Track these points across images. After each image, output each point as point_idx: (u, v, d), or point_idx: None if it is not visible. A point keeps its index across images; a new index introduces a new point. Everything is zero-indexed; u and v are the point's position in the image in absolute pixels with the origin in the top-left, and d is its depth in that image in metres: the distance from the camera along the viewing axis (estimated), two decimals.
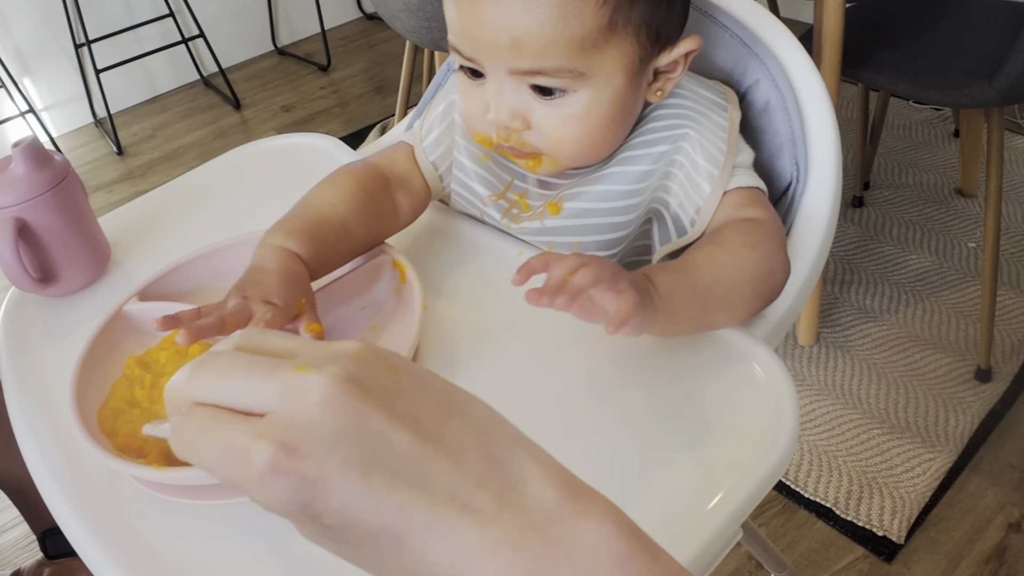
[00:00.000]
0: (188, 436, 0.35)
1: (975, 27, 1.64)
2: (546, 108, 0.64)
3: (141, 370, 0.61)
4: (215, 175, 0.91)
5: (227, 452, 0.33)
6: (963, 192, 2.12)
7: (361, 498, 0.32)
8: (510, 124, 0.65)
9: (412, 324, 0.59)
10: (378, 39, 3.41)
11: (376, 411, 0.33)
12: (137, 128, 2.96)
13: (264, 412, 0.33)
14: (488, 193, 0.74)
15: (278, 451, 0.32)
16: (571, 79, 0.63)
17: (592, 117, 0.65)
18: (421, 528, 0.32)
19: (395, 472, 0.32)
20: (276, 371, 0.34)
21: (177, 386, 0.36)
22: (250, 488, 0.33)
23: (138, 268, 0.79)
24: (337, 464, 0.32)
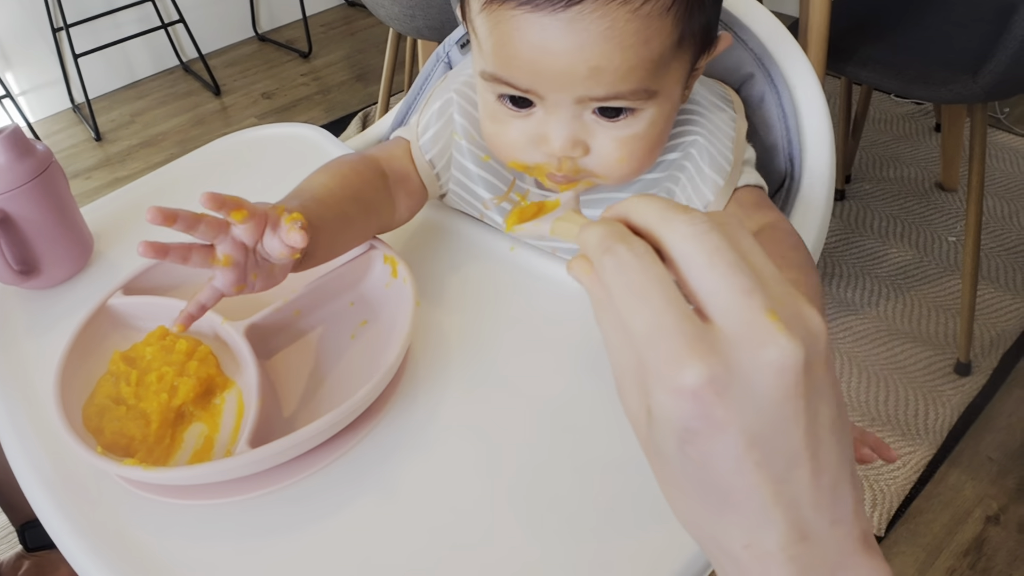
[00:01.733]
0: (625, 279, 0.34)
1: (959, 23, 1.64)
2: (609, 131, 0.61)
3: (126, 366, 0.59)
4: (199, 164, 0.90)
5: (655, 332, 0.33)
6: (944, 186, 2.14)
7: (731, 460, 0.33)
8: (571, 153, 0.61)
9: (404, 321, 0.58)
10: (360, 26, 3.38)
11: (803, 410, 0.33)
12: (116, 114, 2.91)
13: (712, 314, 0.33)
14: (490, 196, 0.72)
15: (709, 383, 0.32)
16: (643, 100, 0.59)
17: (653, 133, 0.62)
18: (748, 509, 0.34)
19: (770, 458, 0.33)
20: (753, 296, 0.33)
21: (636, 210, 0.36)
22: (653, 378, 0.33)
23: (122, 259, 0.77)
24: (743, 427, 0.33)
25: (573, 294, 0.66)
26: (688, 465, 0.34)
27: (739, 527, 0.35)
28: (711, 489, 0.34)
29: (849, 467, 0.35)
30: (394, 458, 0.56)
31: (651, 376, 0.33)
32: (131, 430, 0.55)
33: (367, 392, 0.53)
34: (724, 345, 0.32)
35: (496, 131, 0.64)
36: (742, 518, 0.34)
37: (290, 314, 0.63)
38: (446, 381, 0.61)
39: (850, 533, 0.35)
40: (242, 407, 0.59)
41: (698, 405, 0.32)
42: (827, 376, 0.34)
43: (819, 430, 0.34)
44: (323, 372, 0.61)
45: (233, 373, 0.62)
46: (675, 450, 0.34)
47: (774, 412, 0.33)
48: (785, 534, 0.34)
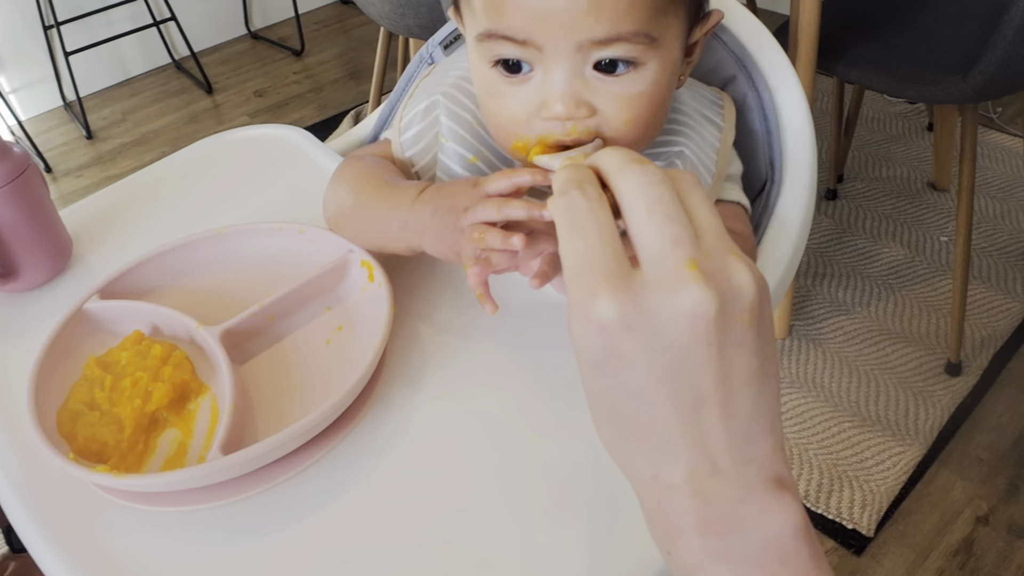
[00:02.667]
0: (569, 216, 0.37)
1: (950, 22, 1.64)
2: (612, 88, 0.57)
3: (101, 371, 0.59)
4: (181, 166, 0.89)
5: (582, 266, 0.36)
6: (936, 186, 2.14)
7: (638, 393, 0.36)
8: (575, 114, 0.57)
9: (379, 326, 0.58)
10: (353, 24, 3.37)
11: (714, 357, 0.35)
12: (107, 112, 2.90)
13: (641, 260, 0.36)
14: None
15: (618, 319, 0.35)
16: (644, 47, 0.56)
17: (656, 93, 0.58)
18: (654, 441, 0.37)
19: (677, 397, 0.36)
20: (679, 246, 0.35)
21: (603, 159, 0.39)
22: (574, 310, 0.36)
23: (100, 263, 0.77)
24: (650, 364, 0.35)
25: (550, 298, 0.66)
26: (602, 393, 0.37)
27: (647, 458, 0.37)
28: (622, 418, 0.37)
29: (768, 416, 0.38)
30: (369, 463, 0.56)
31: (571, 306, 0.36)
32: (104, 435, 0.55)
33: (341, 398, 0.53)
34: (642, 287, 0.35)
35: (495, 108, 0.61)
36: (650, 449, 0.37)
37: (265, 319, 0.63)
38: (421, 386, 0.61)
39: (760, 473, 0.37)
40: (216, 413, 0.58)
41: (605, 337, 0.35)
42: (749, 329, 0.36)
43: (731, 379, 0.36)
44: (298, 378, 0.61)
45: (208, 378, 0.61)
46: (591, 377, 0.37)
47: (683, 355, 0.35)
48: (690, 468, 0.37)
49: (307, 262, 0.67)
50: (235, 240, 0.69)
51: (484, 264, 0.55)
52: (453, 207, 0.57)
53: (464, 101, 0.72)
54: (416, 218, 0.60)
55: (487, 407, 0.59)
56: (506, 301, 0.65)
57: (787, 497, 0.37)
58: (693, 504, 0.37)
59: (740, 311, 0.36)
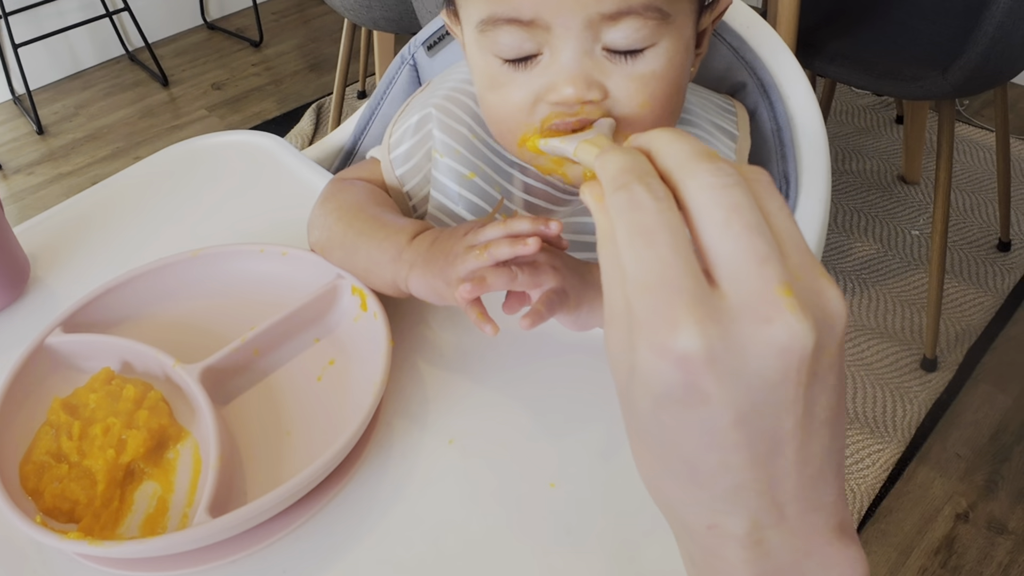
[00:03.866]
0: (634, 218, 0.31)
1: (925, 17, 1.63)
2: (624, 67, 0.54)
3: (68, 415, 0.53)
4: (148, 176, 0.84)
5: (654, 282, 0.30)
6: (906, 179, 2.13)
7: (707, 436, 0.31)
8: (586, 95, 0.53)
9: (377, 364, 0.53)
10: (313, 14, 3.29)
11: (800, 398, 0.31)
12: (59, 106, 2.80)
13: (720, 278, 0.30)
14: (472, 218, 0.66)
15: (702, 352, 0.29)
16: (656, 23, 0.53)
17: (672, 74, 0.55)
18: (717, 489, 0.32)
19: (752, 441, 0.31)
20: (767, 265, 0.30)
21: (660, 145, 0.33)
22: (645, 335, 0.30)
23: (62, 287, 0.71)
24: (728, 403, 0.30)
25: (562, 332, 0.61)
26: (659, 430, 0.32)
27: (704, 506, 0.33)
28: (680, 461, 0.32)
29: (837, 459, 0.34)
30: (369, 518, 0.51)
31: (639, 328, 0.30)
32: (74, 492, 0.49)
33: (340, 447, 0.48)
34: (726, 314, 0.29)
35: (498, 99, 0.57)
36: (710, 497, 0.32)
37: (249, 354, 0.58)
38: (425, 430, 0.56)
39: (827, 522, 0.33)
40: (198, 462, 0.53)
41: (684, 373, 0.29)
42: (836, 364, 0.31)
43: (813, 421, 0.31)
44: (288, 419, 0.56)
45: (188, 421, 0.56)
46: (649, 412, 0.31)
47: (767, 395, 0.30)
48: (754, 519, 0.32)
49: (292, 288, 0.62)
50: (212, 264, 0.64)
51: (478, 283, 0.50)
52: (447, 252, 0.55)
53: (459, 114, 0.68)
54: (408, 257, 0.58)
55: (499, 454, 0.55)
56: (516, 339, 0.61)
57: (852, 549, 0.34)
58: (753, 556, 0.33)
59: (831, 343, 0.31)
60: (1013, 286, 1.84)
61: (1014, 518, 1.44)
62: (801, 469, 0.32)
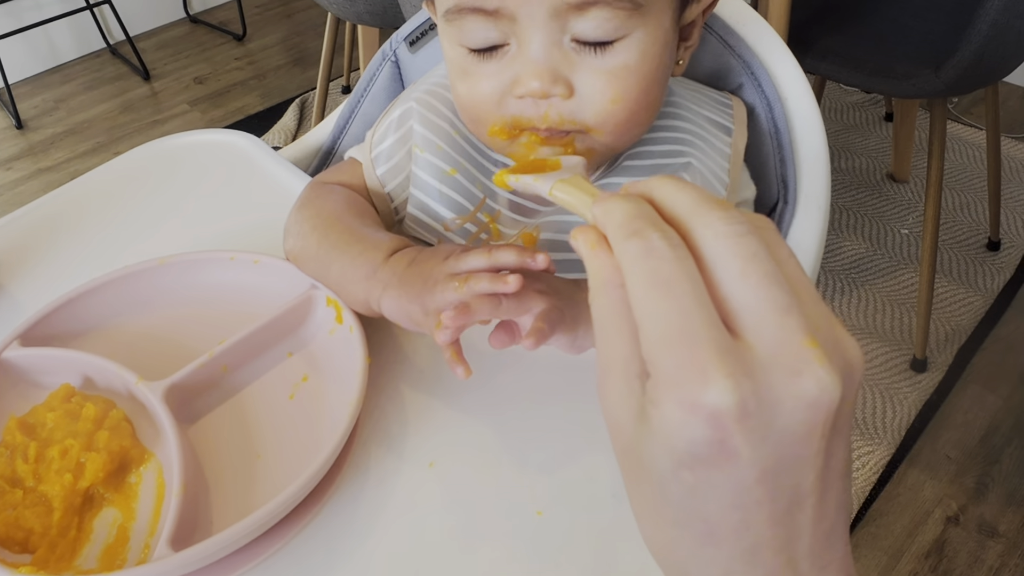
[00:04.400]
0: (651, 266, 0.30)
1: (916, 14, 1.61)
2: (593, 61, 0.52)
3: (24, 436, 0.50)
4: (117, 177, 0.80)
5: (679, 334, 0.29)
6: (895, 177, 2.12)
7: (730, 494, 0.30)
8: (551, 90, 0.52)
9: (354, 381, 0.50)
10: (296, 7, 3.25)
11: (823, 451, 0.30)
12: (38, 100, 2.75)
13: (742, 329, 0.29)
14: (453, 216, 0.64)
15: (734, 408, 0.28)
16: (627, 14, 0.51)
17: (646, 68, 0.53)
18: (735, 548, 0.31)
19: (774, 497, 0.30)
20: (790, 315, 0.29)
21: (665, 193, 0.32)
22: (670, 391, 0.29)
23: (24, 295, 0.67)
24: (755, 460, 0.29)
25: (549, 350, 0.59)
26: (678, 489, 0.31)
27: (719, 565, 0.31)
28: (697, 519, 0.31)
29: (847, 511, 0.33)
30: (343, 547, 0.48)
31: (662, 382, 0.29)
32: (29, 521, 0.46)
33: (311, 476, 0.45)
34: (755, 367, 0.29)
35: (467, 90, 0.56)
36: (726, 556, 0.31)
37: (217, 370, 0.55)
38: (403, 454, 0.53)
39: None
40: (162, 486, 0.50)
41: (715, 429, 0.28)
42: (852, 415, 0.31)
43: (831, 474, 0.31)
44: (258, 440, 0.53)
45: (151, 442, 0.53)
46: (668, 470, 0.30)
47: (793, 449, 0.29)
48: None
49: (264, 298, 0.59)
50: (180, 272, 0.61)
51: (462, 312, 0.47)
52: (425, 276, 0.52)
53: (441, 108, 0.65)
54: (383, 276, 0.55)
55: (482, 479, 0.52)
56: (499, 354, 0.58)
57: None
58: None
59: (851, 394, 0.30)
60: (1003, 286, 1.83)
61: (1004, 521, 1.42)
62: (817, 524, 0.31)
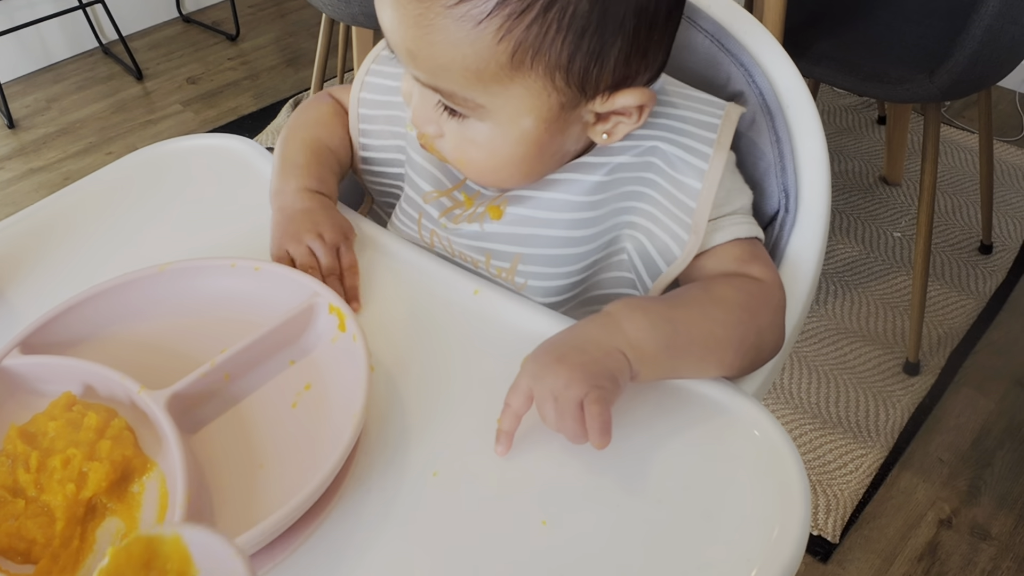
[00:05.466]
0: None
1: (912, 20, 1.62)
2: (452, 126, 0.60)
3: (25, 444, 0.50)
4: (112, 183, 0.80)
5: None
6: (888, 180, 2.13)
7: None
8: (424, 129, 0.62)
9: (357, 390, 0.50)
10: (290, 7, 3.24)
11: None
12: (30, 99, 2.73)
13: None
14: (430, 189, 0.69)
15: None
16: (471, 108, 0.58)
17: (496, 150, 0.60)
18: None
19: None
20: None
21: None
22: None
23: (22, 302, 0.67)
24: None
25: None
26: None
27: None
28: None
29: None
30: (345, 561, 0.48)
31: None
32: (31, 531, 0.46)
33: (315, 487, 0.45)
34: None
35: (403, 87, 0.64)
36: None
37: (219, 379, 0.55)
38: (406, 462, 0.53)
39: None
40: (165, 496, 0.50)
41: None
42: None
43: None
44: (261, 451, 0.53)
45: (153, 451, 0.53)
46: None
47: None
48: None
49: (266, 306, 0.59)
50: (180, 280, 0.61)
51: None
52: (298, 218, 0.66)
53: None
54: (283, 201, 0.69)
55: (487, 489, 0.52)
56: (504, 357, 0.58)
57: None
58: None
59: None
60: (995, 289, 1.83)
61: (997, 524, 1.43)
62: None
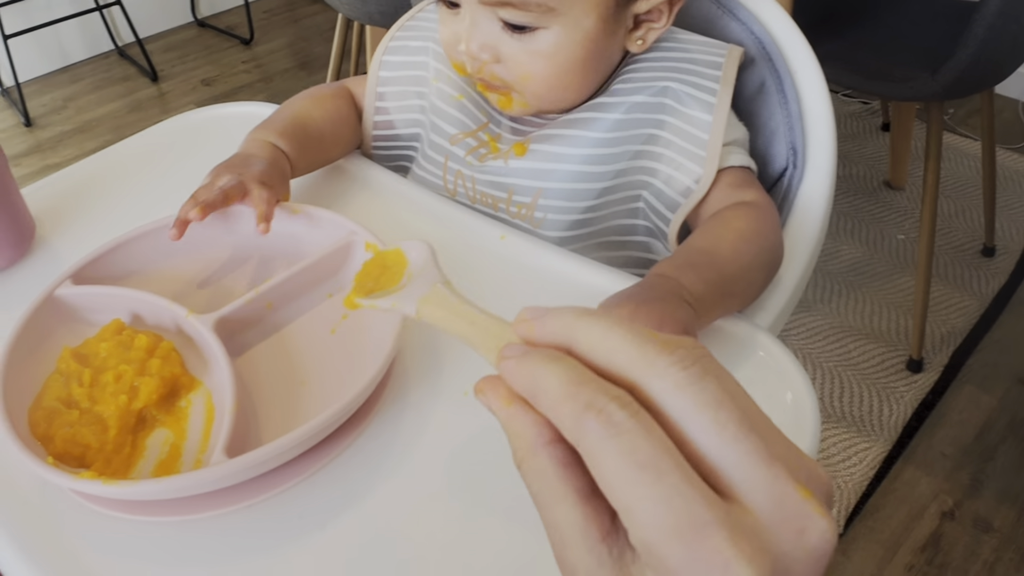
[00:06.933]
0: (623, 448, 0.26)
1: (915, 20, 1.65)
2: (516, 43, 0.64)
3: (78, 364, 0.53)
4: (142, 147, 0.83)
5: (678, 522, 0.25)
6: (892, 184, 2.16)
7: None
8: (479, 56, 0.65)
9: (391, 324, 0.53)
10: (303, 13, 3.29)
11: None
12: (47, 99, 2.78)
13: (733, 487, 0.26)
14: (456, 132, 0.73)
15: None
16: (540, 13, 0.61)
17: (561, 56, 0.64)
18: None
19: None
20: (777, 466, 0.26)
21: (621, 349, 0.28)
22: None
23: (66, 247, 0.70)
24: None
25: (571, 289, 0.61)
26: None
27: None
28: None
29: None
30: (382, 469, 0.51)
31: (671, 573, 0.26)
32: (86, 437, 0.49)
33: (356, 395, 0.48)
34: (763, 536, 0.26)
35: (442, 33, 0.69)
36: None
37: (262, 307, 0.58)
38: (438, 386, 0.56)
39: None
40: (211, 410, 0.53)
41: None
42: None
43: None
44: (301, 371, 0.56)
45: (199, 372, 0.55)
46: None
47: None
48: None
49: (305, 244, 0.62)
50: (222, 221, 0.63)
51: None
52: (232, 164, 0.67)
53: None
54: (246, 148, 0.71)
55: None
56: (525, 296, 0.61)
57: None
58: None
59: None
60: (998, 290, 1.86)
61: (999, 516, 1.45)
62: None
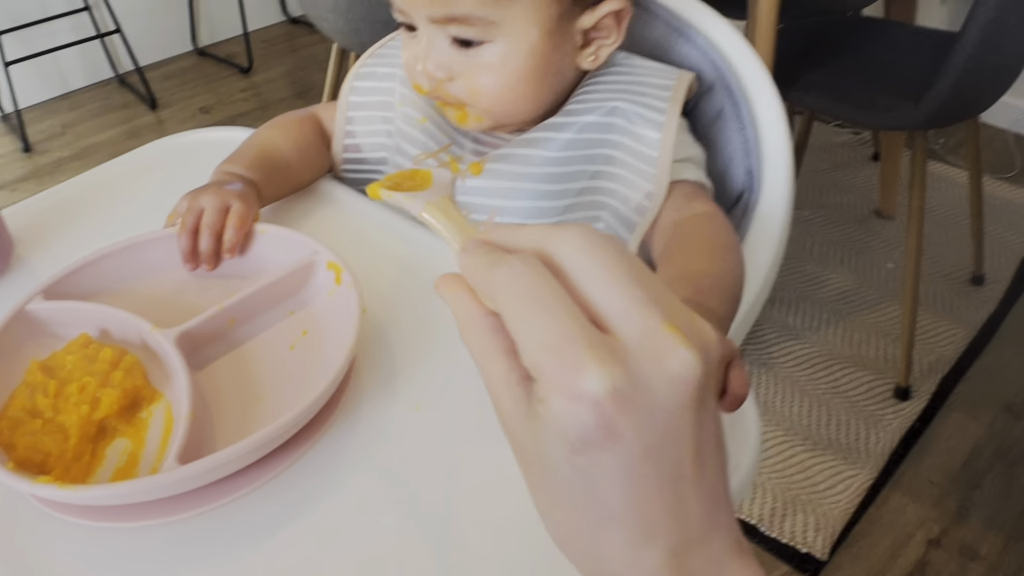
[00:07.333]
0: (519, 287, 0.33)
1: (900, 53, 1.68)
2: (465, 58, 0.68)
3: (44, 376, 0.54)
4: (130, 169, 0.86)
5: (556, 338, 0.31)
6: (881, 213, 2.17)
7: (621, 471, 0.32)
8: (435, 74, 0.69)
9: (348, 330, 0.54)
10: (302, 43, 3.33)
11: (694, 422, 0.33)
12: (46, 125, 2.81)
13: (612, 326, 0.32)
14: (419, 152, 0.76)
15: (612, 393, 0.30)
16: (484, 27, 0.65)
17: (508, 69, 0.68)
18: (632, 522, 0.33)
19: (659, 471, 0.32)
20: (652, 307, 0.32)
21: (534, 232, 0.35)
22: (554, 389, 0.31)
23: (44, 265, 0.72)
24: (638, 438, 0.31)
25: None
26: (573, 475, 0.33)
27: (621, 543, 0.33)
28: (594, 501, 0.33)
29: (725, 480, 0.36)
30: (336, 477, 0.52)
31: (547, 382, 0.32)
32: (47, 445, 0.50)
33: (309, 405, 0.49)
34: (626, 355, 0.31)
35: (404, 56, 0.73)
36: (625, 532, 0.33)
37: (224, 322, 0.59)
38: (393, 395, 0.57)
39: (726, 540, 0.34)
40: (170, 421, 0.54)
41: (598, 414, 0.31)
42: (715, 389, 0.34)
43: (704, 442, 0.33)
44: (259, 385, 0.57)
45: (162, 385, 0.57)
46: (562, 459, 0.33)
47: (669, 424, 0.32)
48: (669, 548, 0.33)
49: (269, 264, 0.63)
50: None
51: None
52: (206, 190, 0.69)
53: None
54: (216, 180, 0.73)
55: (465, 421, 0.56)
56: None
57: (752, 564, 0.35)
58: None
59: (712, 369, 0.33)
60: (986, 318, 1.87)
61: (985, 544, 1.44)
62: (700, 490, 0.34)
